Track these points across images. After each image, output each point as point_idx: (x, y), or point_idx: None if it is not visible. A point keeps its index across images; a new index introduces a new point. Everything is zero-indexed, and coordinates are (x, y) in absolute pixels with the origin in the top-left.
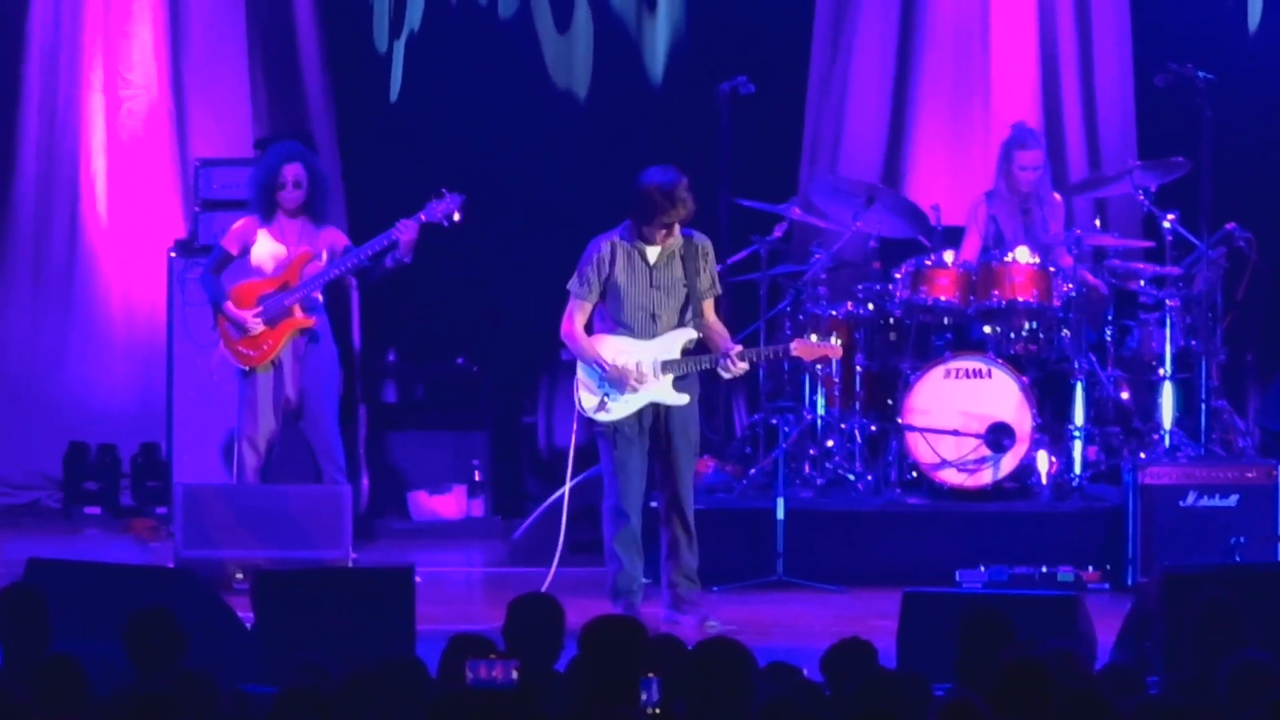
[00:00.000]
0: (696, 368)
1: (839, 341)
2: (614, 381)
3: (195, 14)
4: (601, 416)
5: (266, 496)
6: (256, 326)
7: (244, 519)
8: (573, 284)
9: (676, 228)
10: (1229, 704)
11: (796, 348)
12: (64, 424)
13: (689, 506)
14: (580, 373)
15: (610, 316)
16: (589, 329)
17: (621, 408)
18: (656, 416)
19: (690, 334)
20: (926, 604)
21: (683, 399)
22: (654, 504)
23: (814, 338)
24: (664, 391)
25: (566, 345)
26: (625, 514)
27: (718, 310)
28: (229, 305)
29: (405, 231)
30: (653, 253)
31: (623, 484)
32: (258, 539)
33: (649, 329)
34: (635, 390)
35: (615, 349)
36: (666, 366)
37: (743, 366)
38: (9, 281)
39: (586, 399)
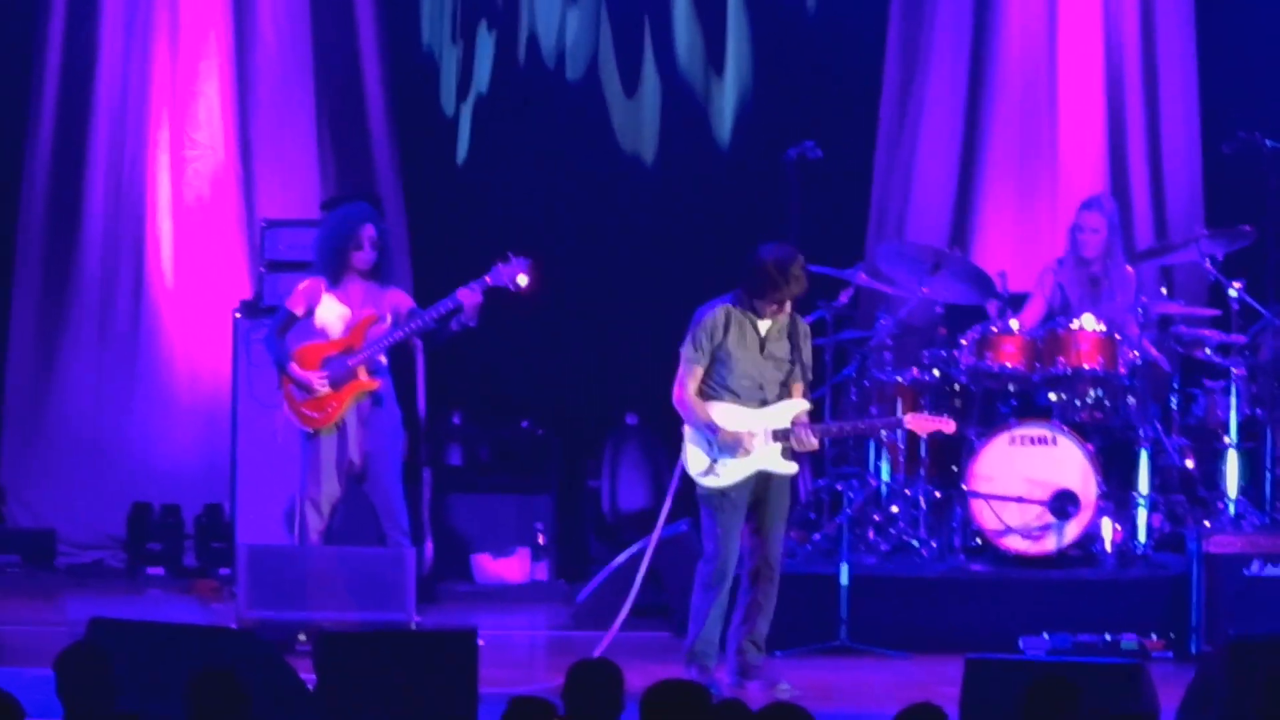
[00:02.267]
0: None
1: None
2: (725, 446)
3: (263, 74)
4: (710, 481)
5: (330, 558)
6: (322, 388)
7: (307, 581)
8: (686, 349)
9: (788, 304)
10: None
11: (910, 421)
12: (128, 484)
13: (778, 572)
14: (689, 435)
15: (717, 382)
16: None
17: (731, 473)
18: (759, 484)
19: (803, 405)
20: (990, 671)
21: (791, 468)
22: (737, 570)
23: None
24: (774, 459)
25: (678, 410)
26: (725, 578)
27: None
28: (294, 366)
29: (471, 296)
30: (764, 324)
31: (726, 549)
32: (321, 601)
33: (754, 397)
34: (747, 455)
35: (728, 415)
36: (778, 435)
37: (813, 442)
38: (75, 341)
39: (695, 462)
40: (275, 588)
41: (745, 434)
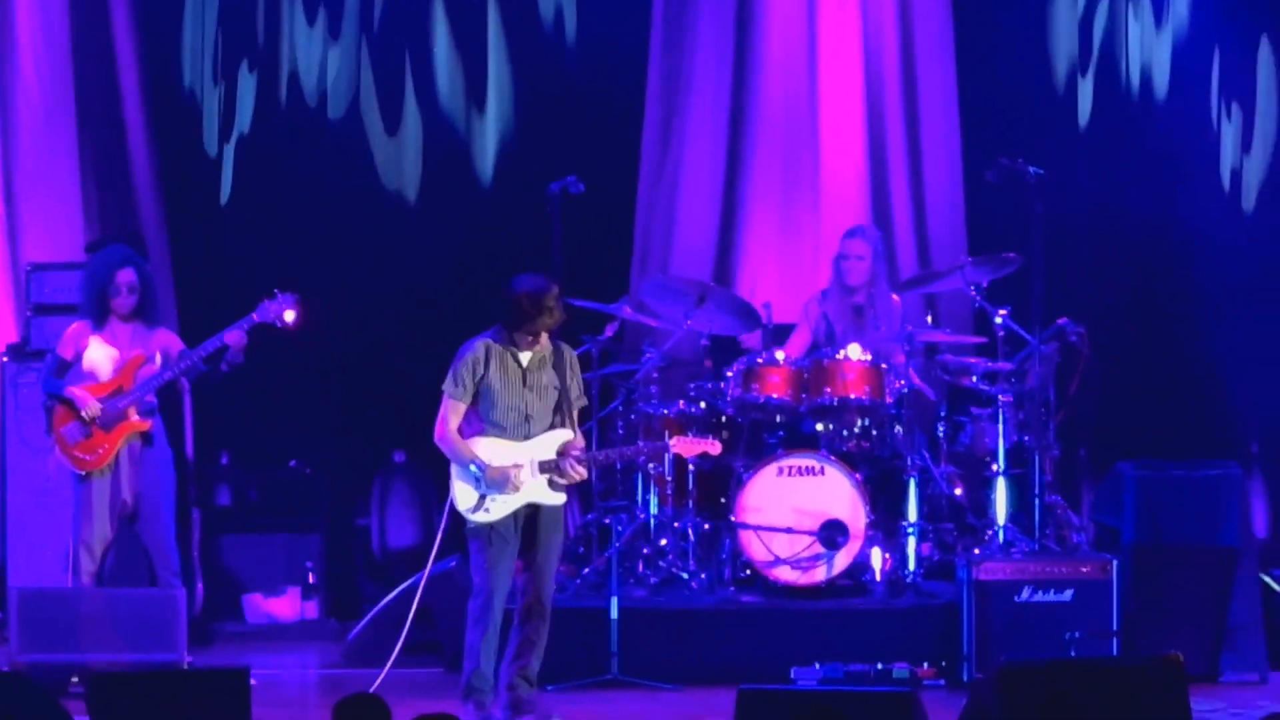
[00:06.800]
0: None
1: (714, 438)
2: (493, 482)
3: (25, 118)
4: (480, 517)
5: (101, 600)
6: (95, 410)
7: (79, 623)
8: (447, 385)
9: (545, 335)
10: None
11: (676, 444)
12: None
13: (549, 608)
14: (455, 473)
15: (483, 417)
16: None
17: (500, 508)
18: (529, 516)
19: (566, 434)
20: (761, 701)
21: (559, 498)
22: (509, 606)
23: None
24: (541, 491)
25: (440, 448)
26: (494, 613)
27: (582, 419)
28: (70, 389)
29: (238, 334)
30: (525, 355)
31: (494, 583)
32: (93, 643)
33: (522, 430)
34: (516, 490)
35: (492, 450)
36: (543, 466)
37: (581, 471)
38: None
39: (463, 499)
40: (47, 630)
41: (512, 468)
